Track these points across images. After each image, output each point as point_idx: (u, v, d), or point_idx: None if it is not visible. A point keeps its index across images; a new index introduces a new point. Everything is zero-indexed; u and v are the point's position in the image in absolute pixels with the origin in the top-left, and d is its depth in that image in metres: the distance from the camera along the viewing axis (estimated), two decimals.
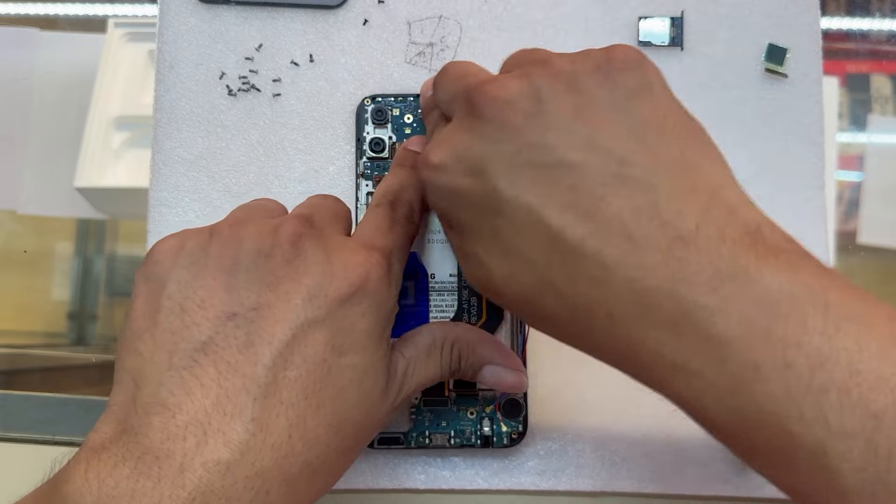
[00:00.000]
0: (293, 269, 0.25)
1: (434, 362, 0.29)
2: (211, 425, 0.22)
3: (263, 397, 0.23)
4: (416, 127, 0.37)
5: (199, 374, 0.23)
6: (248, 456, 0.22)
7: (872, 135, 0.41)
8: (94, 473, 0.21)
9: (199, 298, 0.24)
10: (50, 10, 0.43)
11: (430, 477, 0.36)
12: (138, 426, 0.22)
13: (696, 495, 0.36)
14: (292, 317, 0.24)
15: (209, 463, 0.21)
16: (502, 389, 0.31)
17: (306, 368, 0.23)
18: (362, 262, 0.26)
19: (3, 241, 0.59)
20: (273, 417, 0.22)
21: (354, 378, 0.25)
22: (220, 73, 0.39)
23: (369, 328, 0.25)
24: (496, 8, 0.39)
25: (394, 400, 0.27)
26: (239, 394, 0.22)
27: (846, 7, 0.41)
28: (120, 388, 0.24)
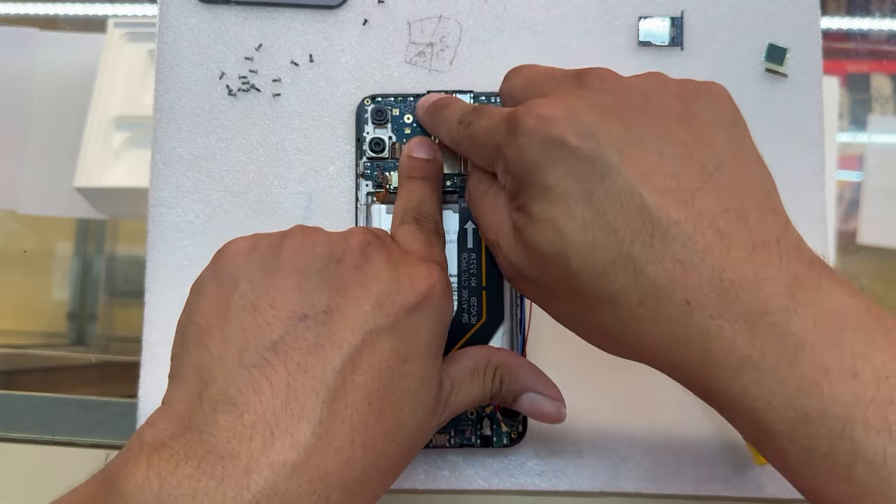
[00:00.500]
0: (362, 276, 0.25)
1: (477, 385, 0.29)
2: (279, 426, 0.22)
3: (331, 401, 0.23)
4: (416, 127, 0.37)
5: (270, 373, 0.22)
6: (314, 459, 0.22)
7: (872, 135, 0.41)
8: (156, 472, 0.21)
9: (272, 298, 0.24)
10: (50, 10, 0.43)
11: (430, 477, 0.36)
12: (203, 424, 0.22)
13: (696, 495, 0.36)
14: (361, 322, 0.24)
15: (275, 464, 0.21)
16: (540, 419, 0.31)
17: (372, 374, 0.24)
18: (427, 274, 0.27)
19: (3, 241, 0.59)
20: (339, 422, 0.23)
21: (413, 387, 0.25)
22: (220, 73, 0.39)
23: (429, 339, 0.26)
24: (496, 8, 0.39)
25: (440, 416, 0.27)
26: (308, 395, 0.22)
27: (846, 7, 0.41)
28: (183, 384, 0.23)
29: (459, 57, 0.39)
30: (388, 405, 0.24)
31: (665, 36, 0.39)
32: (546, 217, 0.25)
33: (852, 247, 0.40)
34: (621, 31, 0.39)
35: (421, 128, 0.37)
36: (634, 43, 0.39)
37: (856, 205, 0.41)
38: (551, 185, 0.24)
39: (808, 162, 0.38)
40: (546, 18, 0.39)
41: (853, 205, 0.41)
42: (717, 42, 0.39)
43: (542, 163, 0.25)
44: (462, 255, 0.35)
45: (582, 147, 0.24)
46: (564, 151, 0.24)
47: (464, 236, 0.36)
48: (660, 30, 0.39)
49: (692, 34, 0.39)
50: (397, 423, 0.24)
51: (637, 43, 0.39)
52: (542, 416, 0.31)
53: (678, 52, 0.39)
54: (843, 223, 0.41)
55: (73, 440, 0.38)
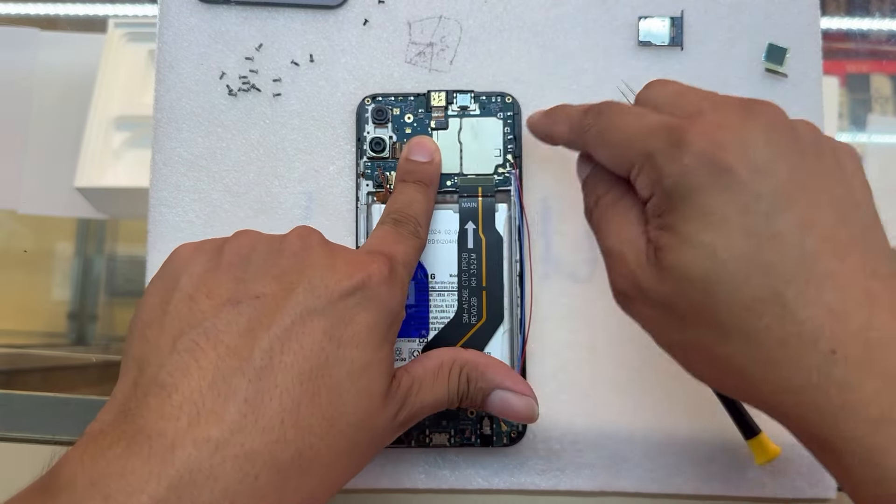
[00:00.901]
0: (299, 262, 0.26)
1: (441, 385, 0.29)
2: (205, 405, 0.22)
3: (258, 379, 0.23)
4: (416, 127, 0.37)
5: (199, 356, 0.23)
6: (238, 436, 0.22)
7: (872, 135, 0.41)
8: (90, 456, 0.22)
9: (208, 289, 0.25)
10: (50, 10, 0.43)
11: (430, 477, 0.36)
12: (136, 408, 0.23)
13: (696, 495, 0.36)
14: (292, 304, 0.25)
15: (199, 441, 0.22)
16: (511, 418, 0.30)
17: (303, 355, 0.24)
18: (366, 263, 0.27)
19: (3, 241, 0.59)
20: (266, 400, 0.23)
21: (353, 372, 0.25)
22: (221, 73, 0.39)
23: (370, 324, 0.26)
24: (496, 8, 0.39)
25: (396, 413, 0.27)
26: (234, 375, 0.23)
27: (846, 7, 0.41)
28: (124, 376, 0.24)
29: (459, 57, 0.39)
30: (325, 387, 0.24)
31: (665, 36, 0.39)
32: (701, 241, 0.24)
33: None
34: (621, 31, 0.39)
35: (422, 127, 0.37)
36: (634, 43, 0.39)
37: None
38: (712, 210, 0.24)
39: None
40: (546, 18, 0.39)
41: None
42: (717, 42, 0.39)
43: (706, 186, 0.24)
44: (462, 255, 0.35)
45: (750, 181, 0.24)
46: (732, 181, 0.24)
47: (464, 236, 0.36)
48: (660, 30, 0.39)
49: (692, 34, 0.39)
50: (336, 408, 0.24)
51: (637, 43, 0.39)
52: (513, 415, 0.30)
53: (678, 52, 0.39)
54: None
55: (73, 440, 0.38)
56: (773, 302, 0.23)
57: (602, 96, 0.38)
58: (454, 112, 0.37)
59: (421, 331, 0.36)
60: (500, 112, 0.37)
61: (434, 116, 0.37)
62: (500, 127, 0.37)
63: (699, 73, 0.39)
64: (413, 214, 0.32)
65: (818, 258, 0.23)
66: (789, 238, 0.24)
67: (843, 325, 0.23)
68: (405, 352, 0.36)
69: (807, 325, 0.23)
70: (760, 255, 0.23)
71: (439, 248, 0.36)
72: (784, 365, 0.23)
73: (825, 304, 0.23)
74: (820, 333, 0.23)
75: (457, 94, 0.37)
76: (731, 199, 0.24)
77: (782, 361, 0.23)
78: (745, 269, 0.24)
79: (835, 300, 0.23)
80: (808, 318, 0.23)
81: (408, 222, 0.31)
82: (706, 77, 0.39)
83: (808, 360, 0.23)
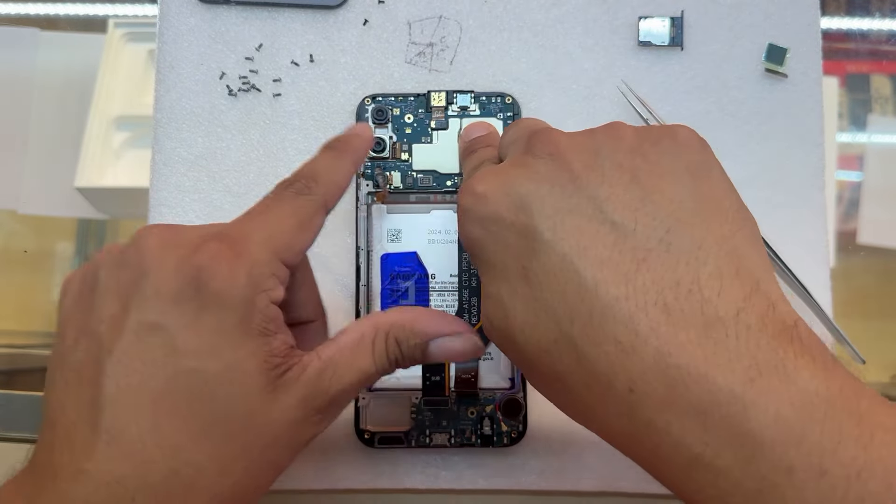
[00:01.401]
0: (136, 272, 0.24)
1: (364, 359, 0.26)
2: (78, 437, 0.23)
3: (111, 407, 0.23)
4: (416, 127, 0.37)
5: (68, 391, 0.24)
6: (106, 465, 0.22)
7: (872, 135, 0.41)
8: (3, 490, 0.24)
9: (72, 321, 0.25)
10: (50, 10, 0.43)
11: (429, 477, 0.36)
12: (37, 444, 0.24)
13: None
14: (130, 323, 0.23)
15: (76, 473, 0.22)
16: (456, 360, 0.28)
17: (148, 374, 0.23)
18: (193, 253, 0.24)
19: (3, 241, 0.59)
20: (124, 426, 0.23)
21: (210, 380, 0.23)
22: (221, 73, 0.39)
23: (217, 326, 0.23)
24: (496, 8, 0.39)
25: (302, 402, 0.25)
26: (94, 406, 0.23)
27: (846, 7, 0.41)
28: None
29: (459, 57, 0.39)
30: (183, 402, 0.23)
31: (665, 36, 0.39)
32: (493, 293, 0.24)
33: (852, 247, 0.40)
34: (621, 31, 0.39)
35: (421, 127, 0.37)
36: (634, 43, 0.39)
37: (856, 205, 0.41)
38: (493, 262, 0.24)
39: (808, 162, 0.38)
40: (546, 18, 0.39)
41: (853, 205, 0.41)
42: (717, 42, 0.39)
43: (481, 240, 0.24)
44: (462, 256, 0.36)
45: (516, 222, 0.23)
46: (500, 227, 0.23)
47: None
48: (660, 30, 0.39)
49: (692, 34, 0.39)
50: (204, 418, 0.23)
51: (637, 43, 0.39)
52: (457, 356, 0.28)
53: (678, 52, 0.39)
54: (842, 223, 0.41)
55: None
56: (565, 343, 0.21)
57: (602, 96, 0.39)
58: (454, 112, 0.37)
59: None
60: (500, 112, 0.37)
61: (434, 116, 0.37)
62: (501, 127, 0.37)
63: (699, 73, 0.39)
64: (307, 173, 0.28)
65: (598, 286, 0.21)
66: (562, 270, 0.22)
67: (635, 358, 0.20)
68: None
69: (599, 364, 0.21)
70: (541, 294, 0.22)
71: (439, 248, 0.36)
72: (595, 409, 0.21)
73: (613, 338, 0.20)
74: (614, 371, 0.20)
75: (457, 94, 0.37)
76: (505, 246, 0.23)
77: (594, 406, 0.21)
78: (532, 314, 0.22)
79: (621, 331, 0.20)
80: (598, 357, 0.21)
81: (296, 181, 0.27)
82: (706, 77, 0.39)
83: (611, 404, 0.21)
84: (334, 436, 0.37)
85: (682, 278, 0.21)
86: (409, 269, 0.36)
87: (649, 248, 0.21)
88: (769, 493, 0.19)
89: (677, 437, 0.20)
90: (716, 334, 0.20)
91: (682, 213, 0.22)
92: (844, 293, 0.39)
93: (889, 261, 0.40)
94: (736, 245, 0.22)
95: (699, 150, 0.24)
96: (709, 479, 0.19)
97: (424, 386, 0.35)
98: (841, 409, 0.19)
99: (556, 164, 0.23)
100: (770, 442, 0.19)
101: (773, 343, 0.20)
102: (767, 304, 0.21)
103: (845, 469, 0.18)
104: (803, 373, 0.19)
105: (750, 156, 0.38)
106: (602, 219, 0.22)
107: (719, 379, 0.19)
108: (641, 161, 0.23)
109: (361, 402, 0.36)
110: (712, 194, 0.23)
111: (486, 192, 0.24)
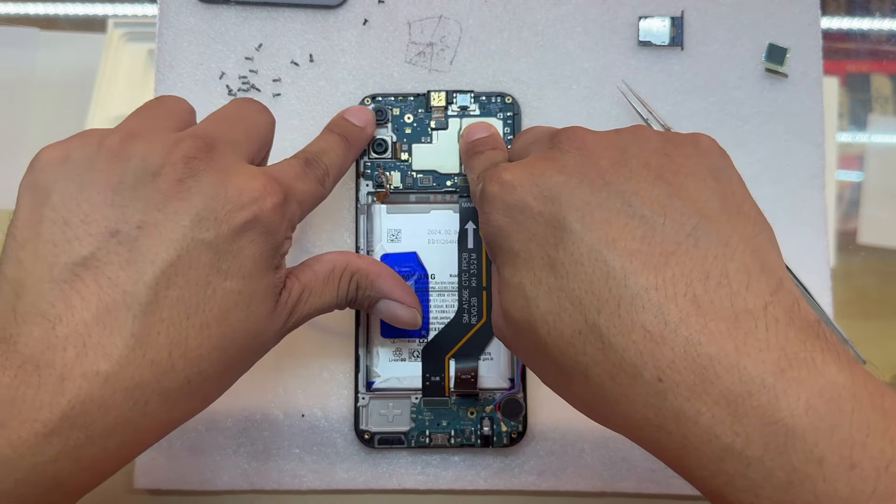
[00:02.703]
0: (185, 189, 0.24)
1: (331, 290, 0.30)
2: (91, 338, 0.22)
3: (143, 315, 0.23)
4: (416, 126, 0.37)
5: (80, 287, 0.23)
6: (127, 370, 0.22)
7: (873, 135, 0.41)
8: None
9: (83, 213, 0.24)
10: (50, 10, 0.43)
11: (430, 477, 0.36)
12: (17, 335, 0.22)
13: (697, 495, 0.36)
14: (178, 237, 0.24)
15: (89, 374, 0.22)
16: (395, 324, 0.32)
17: (189, 289, 0.24)
18: (258, 188, 0.26)
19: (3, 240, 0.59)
20: (154, 335, 0.23)
21: (240, 302, 0.25)
22: (220, 73, 0.39)
23: (257, 255, 0.25)
24: (496, 8, 0.39)
25: (284, 323, 0.28)
26: (119, 309, 0.23)
27: (846, 7, 0.41)
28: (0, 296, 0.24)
29: (459, 57, 0.39)
30: (213, 319, 0.24)
31: (665, 36, 0.39)
32: (515, 283, 0.24)
33: (852, 247, 0.40)
34: (621, 30, 0.39)
35: (421, 127, 0.37)
36: (634, 43, 0.39)
37: (856, 205, 0.41)
38: (517, 250, 0.24)
39: (809, 162, 0.38)
40: (546, 18, 0.39)
41: (853, 205, 0.41)
42: (718, 42, 0.39)
43: (506, 228, 0.24)
44: (462, 256, 0.35)
45: (544, 211, 0.23)
46: (527, 216, 0.24)
47: (464, 236, 0.36)
48: (660, 29, 0.39)
49: (692, 34, 0.39)
50: (225, 336, 0.25)
51: (637, 43, 0.39)
52: (398, 322, 0.32)
53: (678, 52, 0.39)
54: (843, 223, 0.41)
55: None
56: (591, 333, 0.21)
57: (602, 96, 0.39)
58: (454, 112, 0.37)
59: (421, 331, 0.36)
60: (500, 112, 0.37)
61: (434, 116, 0.37)
62: (500, 127, 0.37)
63: (699, 72, 0.39)
64: (326, 163, 0.31)
65: (627, 276, 0.21)
66: (591, 260, 0.22)
67: (665, 348, 0.20)
68: (405, 352, 0.36)
69: (627, 353, 0.21)
70: (567, 284, 0.22)
71: (439, 248, 0.36)
72: (620, 401, 0.21)
73: (641, 327, 0.20)
74: (643, 361, 0.20)
75: (457, 94, 0.37)
76: (531, 235, 0.23)
77: (617, 398, 0.21)
78: (556, 304, 0.22)
79: (651, 320, 0.20)
80: (627, 346, 0.21)
81: (318, 167, 0.30)
82: (706, 77, 0.39)
83: (638, 394, 0.21)
84: (334, 436, 0.37)
85: (710, 271, 0.21)
86: (408, 269, 0.36)
87: (678, 241, 0.21)
88: (800, 484, 0.18)
89: (707, 426, 0.19)
90: (746, 325, 0.20)
91: (707, 210, 0.22)
92: (845, 293, 0.39)
93: (889, 261, 0.40)
94: (759, 245, 0.22)
95: (720, 157, 0.24)
96: (739, 470, 0.19)
97: (424, 386, 0.35)
98: (867, 403, 0.19)
99: (585, 158, 0.24)
100: (802, 432, 0.18)
101: (802, 336, 0.20)
102: (793, 300, 0.21)
103: (874, 462, 0.18)
104: (831, 366, 0.19)
105: (750, 155, 0.38)
106: (631, 213, 0.22)
107: (750, 368, 0.19)
108: (667, 161, 0.23)
109: (361, 402, 0.36)
110: (734, 198, 0.23)
111: (513, 180, 0.25)
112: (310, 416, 0.37)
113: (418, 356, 0.35)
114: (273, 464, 0.36)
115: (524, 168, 0.25)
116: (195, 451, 0.36)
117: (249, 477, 0.36)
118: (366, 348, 0.36)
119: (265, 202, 0.26)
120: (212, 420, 0.37)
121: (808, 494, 0.18)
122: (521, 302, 0.24)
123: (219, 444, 0.37)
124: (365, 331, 0.36)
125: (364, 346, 0.36)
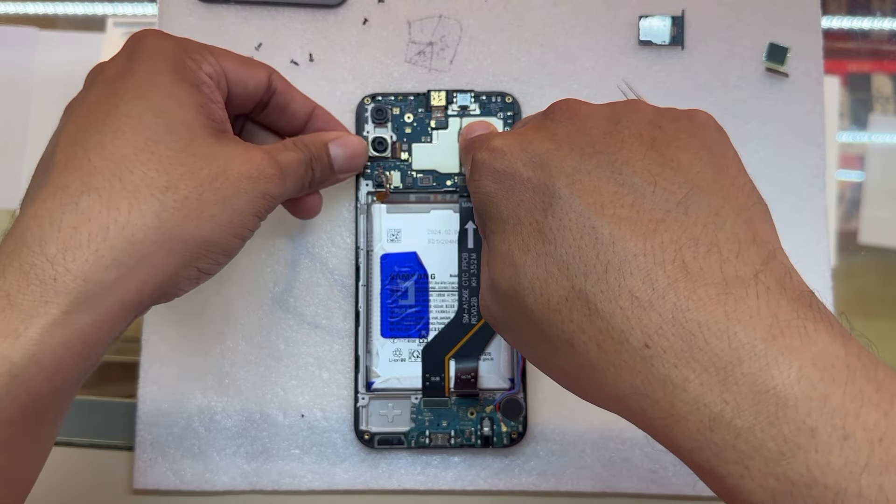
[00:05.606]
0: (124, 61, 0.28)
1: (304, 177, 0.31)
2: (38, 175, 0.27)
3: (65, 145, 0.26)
4: (416, 126, 0.37)
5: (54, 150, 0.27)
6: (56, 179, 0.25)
7: (873, 134, 0.41)
8: None
9: None
10: (50, 10, 0.43)
11: (430, 477, 0.36)
12: None
13: (697, 496, 0.36)
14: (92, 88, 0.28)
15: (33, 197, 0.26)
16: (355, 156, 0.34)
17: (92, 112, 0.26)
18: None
19: None
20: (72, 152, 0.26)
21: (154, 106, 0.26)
22: None
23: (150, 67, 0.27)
24: (496, 8, 0.39)
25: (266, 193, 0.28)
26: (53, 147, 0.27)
27: (847, 6, 0.41)
28: None
29: (459, 56, 0.39)
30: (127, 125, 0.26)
31: (666, 35, 0.38)
32: (503, 251, 0.24)
33: (853, 247, 0.40)
34: (622, 30, 0.39)
35: (421, 127, 0.37)
36: (635, 42, 0.39)
37: (857, 205, 0.41)
38: (506, 217, 0.24)
39: (809, 162, 0.38)
40: (546, 17, 0.39)
41: (854, 205, 0.41)
42: (718, 41, 0.39)
43: (494, 195, 0.24)
44: (462, 255, 0.35)
45: (533, 178, 0.23)
46: (516, 182, 0.24)
47: (464, 236, 0.36)
48: (660, 29, 0.38)
49: (693, 33, 0.39)
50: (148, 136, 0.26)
51: (638, 42, 0.39)
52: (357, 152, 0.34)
53: (679, 52, 0.39)
54: (843, 223, 0.41)
55: (72, 440, 0.38)
56: (577, 299, 0.21)
57: (602, 96, 0.38)
58: (454, 112, 0.37)
59: (421, 331, 0.36)
60: (500, 112, 0.37)
61: (434, 116, 0.37)
62: (501, 127, 0.37)
63: (700, 72, 0.39)
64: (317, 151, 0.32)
65: (615, 242, 0.21)
66: (579, 226, 0.21)
67: (652, 313, 0.20)
68: (405, 352, 0.36)
69: (613, 319, 0.20)
70: (555, 250, 0.22)
71: (439, 248, 0.36)
72: (606, 370, 0.21)
73: (629, 292, 0.20)
74: (629, 326, 0.20)
75: (457, 93, 0.37)
76: (519, 202, 0.23)
77: (604, 366, 0.21)
78: (543, 270, 0.22)
79: (639, 285, 0.20)
80: (613, 311, 0.20)
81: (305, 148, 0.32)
82: (707, 76, 0.39)
83: (624, 361, 0.20)
84: (334, 436, 0.37)
85: (700, 238, 0.20)
86: (408, 269, 0.36)
87: (668, 209, 0.21)
88: (791, 456, 0.18)
89: (695, 394, 0.19)
90: (736, 292, 0.19)
91: (699, 180, 0.22)
92: (845, 293, 0.39)
93: (890, 260, 0.40)
94: (752, 216, 0.22)
95: (717, 131, 0.24)
96: (728, 441, 0.19)
97: (424, 386, 0.35)
98: (861, 374, 0.18)
99: (576, 127, 0.24)
100: (794, 401, 0.18)
101: (794, 305, 0.19)
102: (784, 270, 0.20)
103: (868, 433, 0.18)
104: (823, 336, 0.19)
105: (751, 155, 0.38)
106: (621, 181, 0.22)
107: (741, 334, 0.19)
108: (660, 133, 0.23)
109: (361, 402, 0.36)
110: (728, 171, 0.23)
111: (503, 146, 0.25)
112: (309, 417, 0.37)
113: (418, 356, 0.35)
114: (273, 464, 0.36)
115: (514, 136, 0.25)
116: (195, 451, 0.36)
117: (249, 477, 0.36)
118: (366, 348, 0.36)
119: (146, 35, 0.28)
120: (211, 420, 0.37)
121: (799, 466, 0.18)
122: (509, 270, 0.23)
123: (218, 445, 0.37)
124: (365, 331, 0.36)
125: (364, 347, 0.36)
